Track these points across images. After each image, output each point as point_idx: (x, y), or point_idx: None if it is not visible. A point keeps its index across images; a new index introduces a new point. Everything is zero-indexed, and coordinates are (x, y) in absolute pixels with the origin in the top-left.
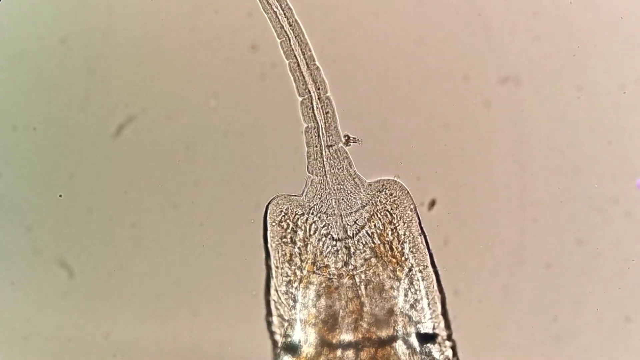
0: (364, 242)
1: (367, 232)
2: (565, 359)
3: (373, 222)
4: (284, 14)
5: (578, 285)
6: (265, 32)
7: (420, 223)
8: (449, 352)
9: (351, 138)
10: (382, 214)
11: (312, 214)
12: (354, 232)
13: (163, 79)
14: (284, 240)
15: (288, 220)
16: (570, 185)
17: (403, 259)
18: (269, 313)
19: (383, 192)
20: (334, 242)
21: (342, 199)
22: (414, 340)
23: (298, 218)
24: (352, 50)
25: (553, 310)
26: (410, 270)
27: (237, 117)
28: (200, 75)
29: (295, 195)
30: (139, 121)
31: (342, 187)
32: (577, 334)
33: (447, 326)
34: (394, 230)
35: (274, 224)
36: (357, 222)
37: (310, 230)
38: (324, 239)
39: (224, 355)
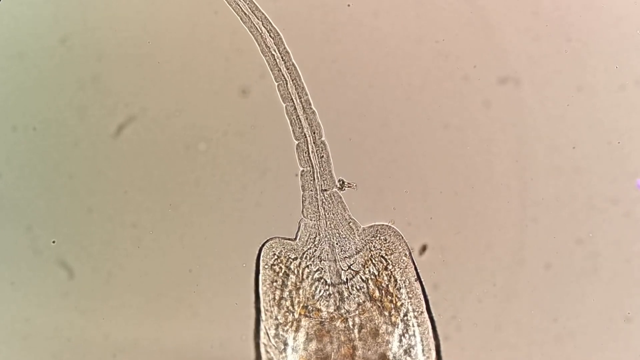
0: (358, 287)
1: (361, 278)
2: (565, 359)
3: (368, 267)
4: (282, 58)
5: (578, 285)
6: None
7: (416, 268)
8: None
9: (346, 183)
10: (377, 259)
11: (306, 258)
12: (348, 277)
13: (163, 78)
14: (275, 283)
15: (281, 264)
16: (570, 185)
17: (399, 304)
18: (258, 357)
19: (377, 238)
20: (327, 287)
21: (337, 244)
22: None
23: (291, 262)
24: (351, 48)
25: (553, 310)
26: (405, 315)
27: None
28: (201, 76)
29: (289, 239)
30: (139, 121)
31: (336, 231)
32: (577, 334)
33: None
34: (390, 276)
35: (266, 267)
36: (351, 267)
37: (302, 274)
38: (316, 283)
39: (224, 355)
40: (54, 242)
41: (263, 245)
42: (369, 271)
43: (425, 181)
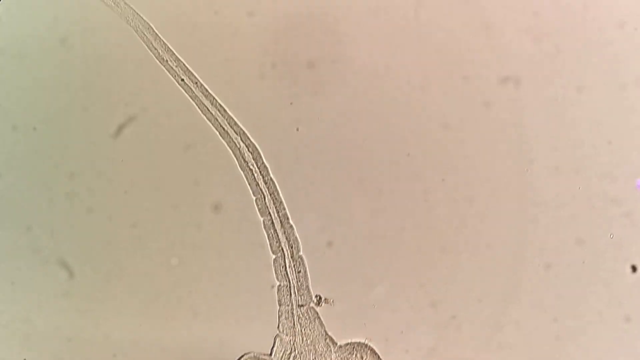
0: None
1: None
2: (565, 359)
3: None
4: (260, 172)
5: (578, 285)
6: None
7: None
8: None
9: (323, 299)
10: None
11: None
12: None
13: (163, 78)
14: None
15: None
16: (570, 185)
17: None
18: None
19: (354, 355)
20: None
21: None
22: None
23: None
24: (349, 45)
25: (553, 310)
26: None
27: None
28: (201, 76)
29: (264, 355)
30: (139, 121)
31: (312, 347)
32: (577, 334)
33: None
34: None
35: None
36: None
37: None
38: None
39: (224, 355)
40: None
41: None
42: None
43: (425, 180)
